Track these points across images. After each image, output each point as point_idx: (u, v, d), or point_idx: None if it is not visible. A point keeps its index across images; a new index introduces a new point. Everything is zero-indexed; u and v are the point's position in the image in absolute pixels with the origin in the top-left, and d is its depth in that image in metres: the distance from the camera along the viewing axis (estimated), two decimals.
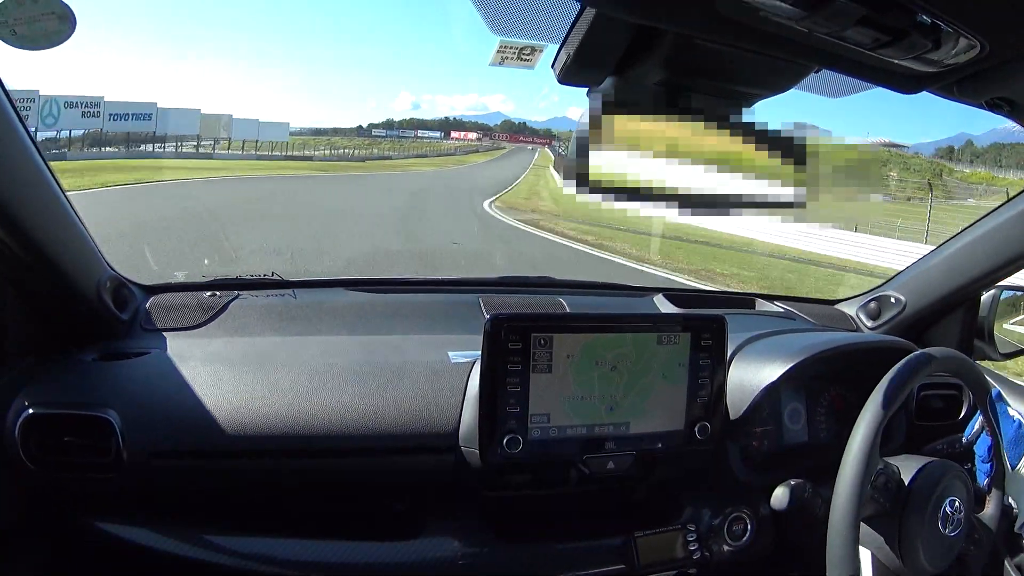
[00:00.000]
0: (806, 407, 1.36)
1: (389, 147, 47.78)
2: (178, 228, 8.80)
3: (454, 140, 57.53)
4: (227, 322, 1.34)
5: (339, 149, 41.33)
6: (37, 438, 1.01)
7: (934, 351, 1.06)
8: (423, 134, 57.66)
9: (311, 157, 34.28)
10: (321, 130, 53.93)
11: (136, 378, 1.12)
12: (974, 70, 0.64)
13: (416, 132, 58.16)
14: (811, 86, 0.74)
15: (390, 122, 63.10)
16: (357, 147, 45.02)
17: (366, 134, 54.74)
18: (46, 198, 1.01)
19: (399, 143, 51.77)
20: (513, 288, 1.65)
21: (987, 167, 18.21)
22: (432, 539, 1.11)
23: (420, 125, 60.68)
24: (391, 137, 54.93)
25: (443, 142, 56.20)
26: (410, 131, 58.27)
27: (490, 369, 1.02)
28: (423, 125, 61.03)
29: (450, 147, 53.83)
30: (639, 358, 1.09)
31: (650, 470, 1.23)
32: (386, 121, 66.79)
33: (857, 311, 1.70)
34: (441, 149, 51.99)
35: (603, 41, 0.66)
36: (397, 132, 57.36)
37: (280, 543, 1.07)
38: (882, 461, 1.03)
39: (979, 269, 1.42)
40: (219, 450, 1.06)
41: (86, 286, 1.14)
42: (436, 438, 1.11)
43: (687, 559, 1.18)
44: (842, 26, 0.54)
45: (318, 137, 47.92)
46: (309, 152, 36.59)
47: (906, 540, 1.02)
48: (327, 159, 35.01)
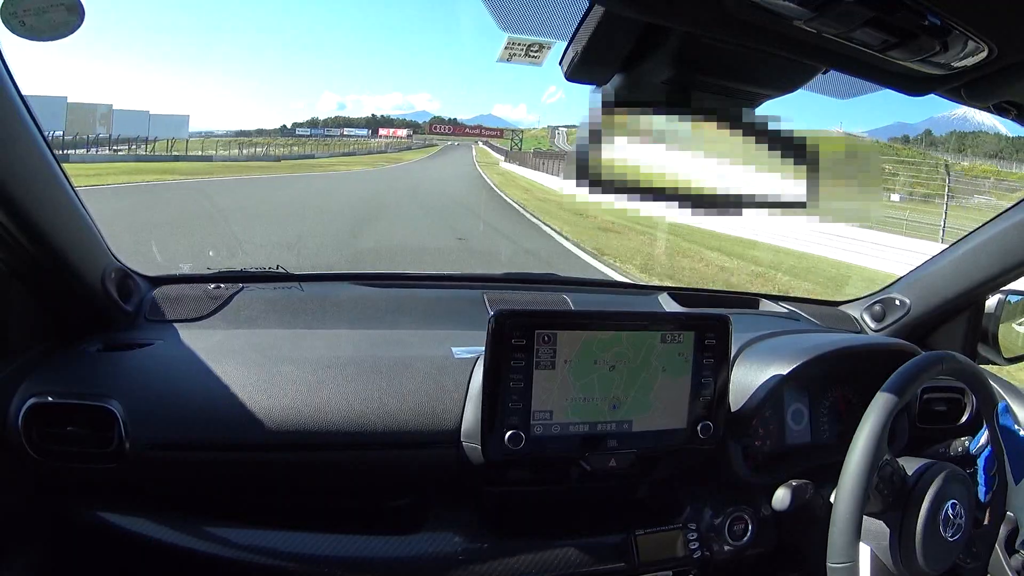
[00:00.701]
0: (809, 408, 1.36)
1: (314, 146, 46.04)
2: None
3: (383, 137, 56.27)
4: (231, 314, 1.34)
5: (253, 148, 37.97)
6: (40, 428, 1.02)
7: (947, 354, 1.06)
8: (350, 132, 56.58)
9: (210, 157, 29.08)
10: (245, 132, 52.20)
11: (139, 369, 1.12)
12: (982, 73, 0.63)
13: (343, 130, 57.17)
14: (818, 87, 0.74)
15: (315, 120, 61.89)
16: (279, 146, 42.81)
17: (290, 134, 53.57)
18: (52, 189, 1.01)
19: (324, 142, 50.23)
20: (518, 284, 1.65)
21: (950, 156, 17.65)
22: (433, 534, 1.11)
23: (347, 123, 59.69)
24: (316, 136, 53.73)
25: (371, 140, 55.02)
26: (336, 129, 57.28)
27: (493, 365, 1.02)
28: (350, 123, 60.04)
29: (379, 144, 52.48)
30: (642, 356, 1.09)
31: (652, 468, 1.23)
32: (311, 120, 65.25)
33: (861, 313, 1.69)
34: (370, 147, 50.62)
35: (611, 39, 0.66)
36: (322, 131, 56.22)
37: (281, 536, 1.07)
38: (887, 455, 1.03)
39: (984, 273, 1.41)
40: (221, 442, 1.06)
41: (91, 277, 1.14)
42: (438, 433, 1.11)
43: (687, 558, 1.19)
44: (850, 27, 0.54)
45: (239, 138, 46.02)
46: (212, 151, 32.12)
47: (906, 537, 1.02)
48: (236, 159, 30.58)
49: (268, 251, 7.03)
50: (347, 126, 59.17)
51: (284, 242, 7.99)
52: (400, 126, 62.65)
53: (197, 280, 1.42)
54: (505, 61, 0.80)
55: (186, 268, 1.51)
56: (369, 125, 60.52)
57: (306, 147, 45.13)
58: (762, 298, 1.77)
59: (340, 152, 44.58)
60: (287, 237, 8.56)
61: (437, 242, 9.20)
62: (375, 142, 54.55)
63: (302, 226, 10.04)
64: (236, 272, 1.48)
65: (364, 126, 59.69)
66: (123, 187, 14.39)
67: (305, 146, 46.13)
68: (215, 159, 29.16)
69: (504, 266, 4.25)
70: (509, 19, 0.67)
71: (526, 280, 1.68)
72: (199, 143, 34.83)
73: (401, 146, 53.30)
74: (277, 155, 36.40)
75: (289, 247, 7.72)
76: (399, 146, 53.31)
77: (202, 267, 1.49)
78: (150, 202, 12.53)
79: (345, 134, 56.10)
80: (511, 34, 0.77)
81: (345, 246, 8.48)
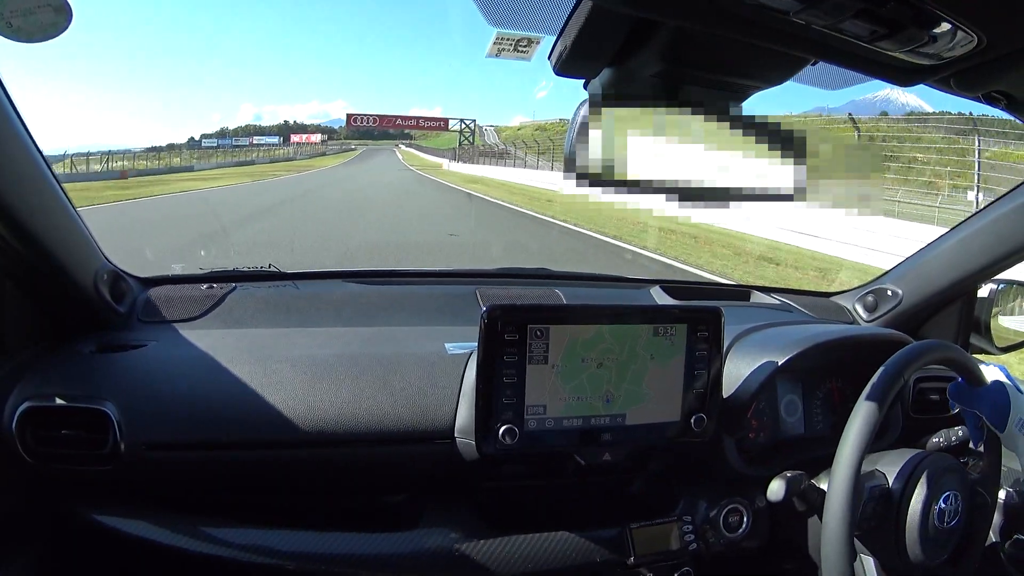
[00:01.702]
0: (802, 399, 1.36)
1: (222, 156, 43.88)
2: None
3: (294, 144, 54.41)
4: (224, 314, 1.34)
5: (108, 163, 33.19)
6: (34, 430, 1.01)
7: (924, 344, 1.07)
8: (259, 140, 54.98)
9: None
10: (156, 147, 49.71)
11: (133, 370, 1.12)
12: (971, 63, 0.63)
13: (252, 139, 55.78)
14: (807, 78, 0.74)
15: (224, 131, 60.36)
16: (157, 159, 39.45)
17: (196, 145, 52.24)
18: (43, 191, 1.01)
19: (232, 152, 48.55)
20: (510, 280, 1.65)
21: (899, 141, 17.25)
22: (428, 530, 1.11)
23: (257, 131, 58.45)
24: (223, 147, 52.39)
25: (279, 148, 53.37)
26: (246, 138, 55.95)
27: (486, 360, 1.02)
28: (261, 131, 58.69)
29: (286, 153, 50.06)
30: (635, 350, 1.09)
31: (646, 462, 1.23)
32: (219, 131, 63.31)
33: (854, 303, 1.70)
34: (275, 155, 48.35)
35: (600, 33, 0.66)
36: (230, 141, 54.81)
37: (277, 534, 1.07)
38: (871, 473, 1.06)
39: (977, 263, 1.42)
40: (216, 442, 1.06)
41: (83, 278, 1.14)
42: (433, 429, 1.11)
43: (683, 551, 1.19)
44: (839, 18, 0.54)
45: (150, 153, 44.25)
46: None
47: (903, 543, 1.04)
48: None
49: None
50: (257, 134, 58.03)
51: None
52: (315, 131, 60.70)
53: (190, 280, 1.42)
54: (494, 56, 0.80)
55: (178, 268, 1.50)
56: (281, 132, 59.35)
57: (218, 157, 42.77)
58: (754, 290, 1.78)
59: (233, 162, 41.85)
60: None
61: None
62: (283, 150, 53.04)
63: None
64: (228, 272, 1.48)
65: (276, 133, 58.50)
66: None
67: (214, 157, 43.91)
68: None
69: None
70: (497, 14, 0.67)
71: (518, 275, 1.68)
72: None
73: (315, 152, 51.51)
74: (123, 169, 32.18)
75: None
76: (312, 152, 51.49)
77: (194, 267, 1.49)
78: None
79: (255, 143, 54.69)
80: (500, 29, 0.76)
81: None
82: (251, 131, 58.71)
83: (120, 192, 19.24)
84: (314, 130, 61.42)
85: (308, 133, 58.95)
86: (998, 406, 1.11)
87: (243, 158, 44.28)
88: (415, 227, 11.88)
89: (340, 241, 9.12)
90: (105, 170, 32.28)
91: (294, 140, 56.30)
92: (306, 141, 56.01)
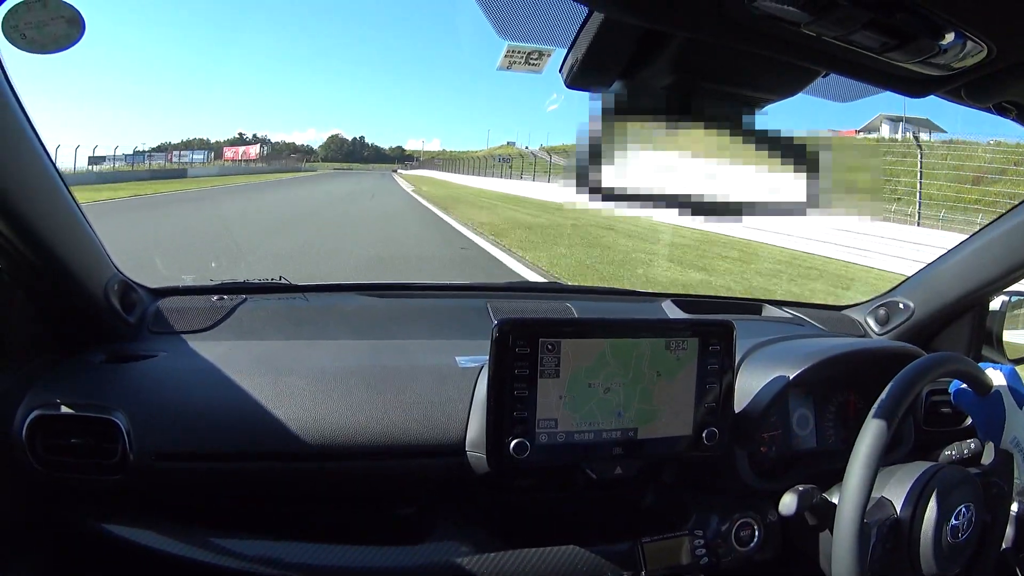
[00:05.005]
0: (814, 413, 1.35)
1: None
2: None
3: (229, 160, 51.16)
4: (234, 326, 1.34)
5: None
6: (44, 439, 1.02)
7: (935, 356, 1.06)
8: (185, 155, 51.32)
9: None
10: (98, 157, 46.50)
11: (143, 380, 1.12)
12: (982, 74, 0.63)
13: (170, 154, 51.74)
14: (818, 90, 0.74)
15: (165, 145, 58.03)
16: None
17: (139, 159, 48.78)
18: (55, 201, 1.02)
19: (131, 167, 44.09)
20: (521, 293, 1.65)
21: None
22: (438, 543, 1.11)
23: (186, 146, 55.69)
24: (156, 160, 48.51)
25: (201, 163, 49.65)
26: (160, 153, 52.02)
27: (497, 374, 1.02)
28: (188, 146, 55.98)
29: (213, 167, 46.15)
30: (640, 369, 1.08)
31: (657, 476, 1.22)
32: (160, 144, 59.87)
33: (865, 317, 1.69)
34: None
35: (611, 45, 0.66)
36: (162, 155, 51.09)
37: (286, 546, 1.07)
38: (878, 504, 1.04)
39: (988, 274, 1.41)
40: (225, 453, 1.06)
41: (94, 289, 1.14)
42: (443, 442, 1.11)
43: (694, 565, 1.18)
44: (849, 30, 0.54)
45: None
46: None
47: (917, 564, 1.02)
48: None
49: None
50: (199, 148, 55.31)
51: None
52: (253, 143, 57.73)
53: (200, 292, 1.43)
54: (505, 69, 0.80)
55: (189, 280, 1.51)
56: (215, 148, 56.62)
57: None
58: (765, 303, 1.77)
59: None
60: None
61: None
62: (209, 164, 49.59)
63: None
64: (239, 284, 1.48)
65: (206, 148, 55.88)
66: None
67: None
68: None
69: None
70: (508, 27, 0.67)
71: (529, 289, 1.68)
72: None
73: (239, 170, 47.80)
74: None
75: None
76: (237, 170, 47.92)
77: (205, 279, 1.50)
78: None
79: (173, 159, 51.37)
80: (510, 42, 0.77)
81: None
82: (194, 145, 56.86)
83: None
84: (253, 142, 58.10)
85: (247, 145, 55.60)
86: (993, 419, 1.10)
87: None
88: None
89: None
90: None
91: (228, 156, 52.61)
92: (245, 156, 52.11)
